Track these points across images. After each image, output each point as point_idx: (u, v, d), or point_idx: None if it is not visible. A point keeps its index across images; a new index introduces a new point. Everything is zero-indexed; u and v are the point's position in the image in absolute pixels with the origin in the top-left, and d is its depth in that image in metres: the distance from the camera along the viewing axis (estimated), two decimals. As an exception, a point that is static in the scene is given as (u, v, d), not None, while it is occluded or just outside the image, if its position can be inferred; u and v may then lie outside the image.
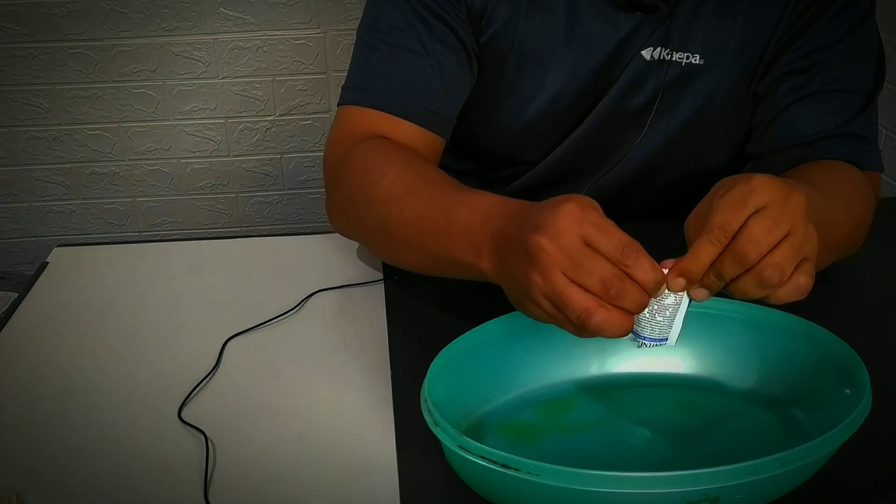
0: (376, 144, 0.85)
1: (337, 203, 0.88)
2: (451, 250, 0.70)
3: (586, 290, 0.57)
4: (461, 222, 0.69)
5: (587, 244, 0.57)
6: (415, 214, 0.75)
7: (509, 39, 0.91)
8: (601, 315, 0.56)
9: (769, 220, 0.56)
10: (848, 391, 0.63)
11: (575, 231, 0.57)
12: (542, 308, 0.59)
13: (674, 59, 0.91)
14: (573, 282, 0.57)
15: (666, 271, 0.59)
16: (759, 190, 0.57)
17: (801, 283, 0.58)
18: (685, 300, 0.60)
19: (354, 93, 0.90)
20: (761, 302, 0.59)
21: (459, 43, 0.89)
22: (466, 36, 0.90)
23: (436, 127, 0.89)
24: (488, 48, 0.92)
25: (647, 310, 0.60)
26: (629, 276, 0.57)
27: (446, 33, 0.88)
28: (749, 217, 0.57)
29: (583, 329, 0.58)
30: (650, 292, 0.58)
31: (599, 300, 0.57)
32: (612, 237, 0.57)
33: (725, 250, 0.57)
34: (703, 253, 0.57)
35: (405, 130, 0.87)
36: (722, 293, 0.60)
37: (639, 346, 0.62)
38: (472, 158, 1.06)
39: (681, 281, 0.59)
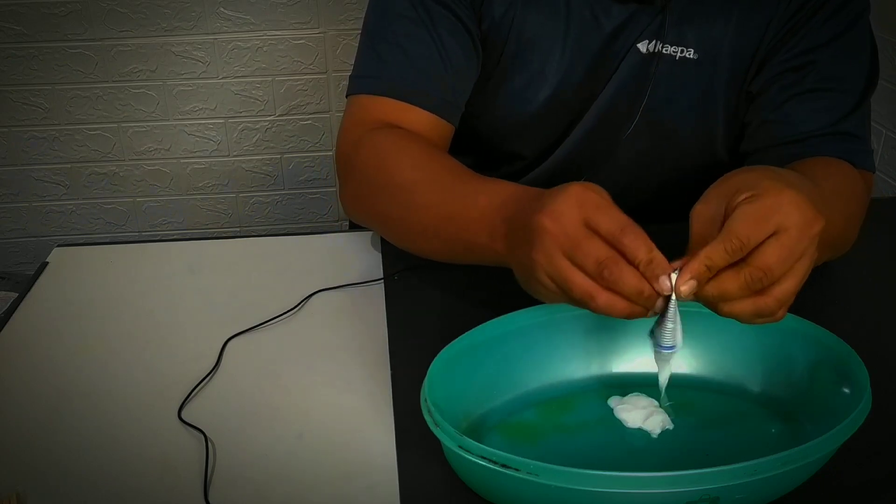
0: (389, 133, 0.86)
1: (351, 191, 0.89)
2: (467, 234, 0.72)
3: (584, 271, 0.58)
4: (478, 208, 0.71)
5: (587, 226, 0.58)
6: (432, 201, 0.77)
7: (507, 27, 0.91)
8: (603, 298, 0.57)
9: (786, 249, 0.56)
10: (848, 391, 0.63)
11: (575, 212, 0.58)
12: (548, 287, 0.61)
13: (668, 51, 0.91)
14: (571, 262, 0.58)
15: (674, 275, 0.58)
16: (787, 210, 0.57)
17: (777, 316, 0.59)
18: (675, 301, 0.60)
19: (365, 82, 0.91)
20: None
21: (465, 30, 0.90)
22: (471, 23, 0.91)
23: (446, 114, 0.90)
24: (488, 36, 0.92)
25: (668, 319, 0.60)
26: (627, 255, 0.57)
27: (452, 21, 0.89)
28: (768, 237, 0.56)
29: (588, 309, 0.59)
30: (648, 275, 0.57)
31: (598, 285, 0.57)
32: (612, 216, 0.58)
33: (739, 273, 0.56)
34: (716, 258, 0.57)
35: (416, 118, 0.88)
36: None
37: (663, 354, 0.63)
38: (471, 153, 1.06)
39: (693, 283, 0.58)
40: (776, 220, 0.56)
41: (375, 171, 0.84)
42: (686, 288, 0.58)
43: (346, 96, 0.93)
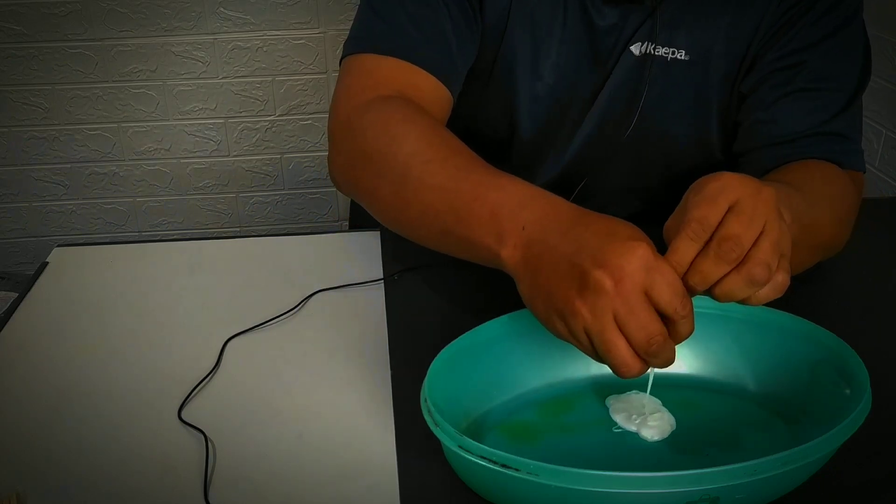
0: (400, 102, 0.81)
1: (345, 157, 0.82)
2: (470, 230, 0.67)
3: (629, 338, 0.57)
4: (488, 204, 0.65)
5: (646, 293, 0.56)
6: (436, 183, 0.70)
7: (505, 19, 0.90)
8: (637, 369, 0.57)
9: (744, 215, 0.57)
10: (848, 391, 0.63)
11: (640, 278, 0.56)
12: (575, 336, 0.59)
13: (660, 53, 0.90)
14: (619, 327, 0.57)
15: None
16: (731, 186, 0.58)
17: (779, 281, 0.58)
18: None
19: (366, 41, 0.86)
20: (741, 303, 0.59)
21: (469, 5, 0.88)
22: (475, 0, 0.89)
23: (450, 83, 0.86)
24: (487, 26, 0.91)
25: None
26: (678, 326, 0.57)
27: None
28: (724, 215, 0.57)
29: (607, 365, 0.58)
30: (679, 342, 0.58)
31: (636, 355, 0.57)
32: (675, 288, 0.56)
33: (708, 250, 0.57)
34: (683, 249, 0.57)
35: (423, 82, 0.84)
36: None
37: None
38: None
39: None
40: (725, 196, 0.57)
41: (377, 138, 0.77)
42: None
43: (343, 57, 0.88)
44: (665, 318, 0.57)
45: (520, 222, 0.63)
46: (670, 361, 0.58)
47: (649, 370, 0.66)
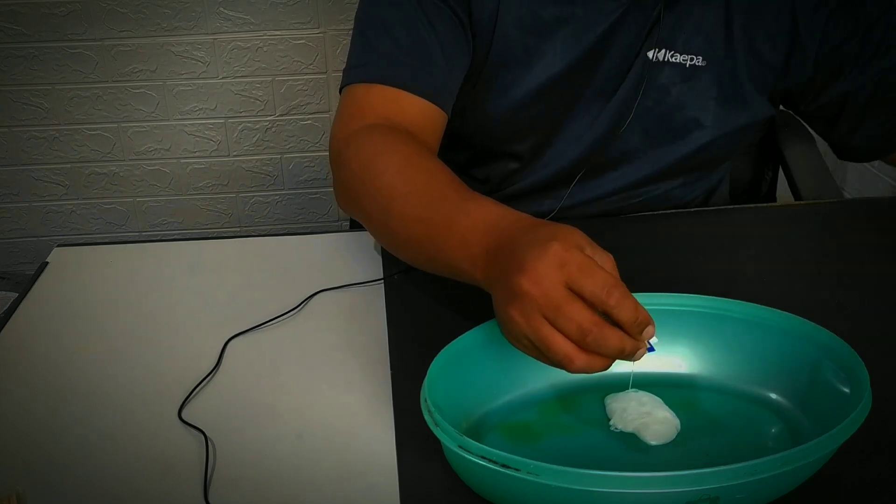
0: (382, 131, 0.84)
1: (340, 185, 0.86)
2: (448, 256, 0.70)
3: (563, 334, 0.57)
4: (459, 231, 0.69)
5: (570, 288, 0.57)
6: (414, 214, 0.74)
7: (493, 22, 0.90)
8: (582, 360, 0.58)
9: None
10: (848, 391, 0.63)
11: (557, 275, 0.57)
12: (521, 343, 0.61)
13: (678, 60, 0.91)
14: (552, 325, 0.58)
15: None
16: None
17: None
18: None
19: (356, 71, 0.90)
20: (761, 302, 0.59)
21: (455, 17, 0.89)
22: (461, 10, 0.90)
23: (439, 100, 0.88)
24: (477, 24, 0.91)
25: None
26: (613, 316, 0.57)
27: (441, 7, 0.89)
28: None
29: (563, 369, 0.59)
30: (632, 333, 0.58)
31: (580, 348, 0.58)
32: (595, 279, 0.57)
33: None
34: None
35: (410, 105, 0.87)
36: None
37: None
38: (465, 150, 1.05)
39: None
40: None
41: (361, 171, 0.81)
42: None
43: (340, 90, 0.91)
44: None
45: (484, 246, 0.66)
46: (623, 351, 0.58)
47: (631, 369, 0.66)
